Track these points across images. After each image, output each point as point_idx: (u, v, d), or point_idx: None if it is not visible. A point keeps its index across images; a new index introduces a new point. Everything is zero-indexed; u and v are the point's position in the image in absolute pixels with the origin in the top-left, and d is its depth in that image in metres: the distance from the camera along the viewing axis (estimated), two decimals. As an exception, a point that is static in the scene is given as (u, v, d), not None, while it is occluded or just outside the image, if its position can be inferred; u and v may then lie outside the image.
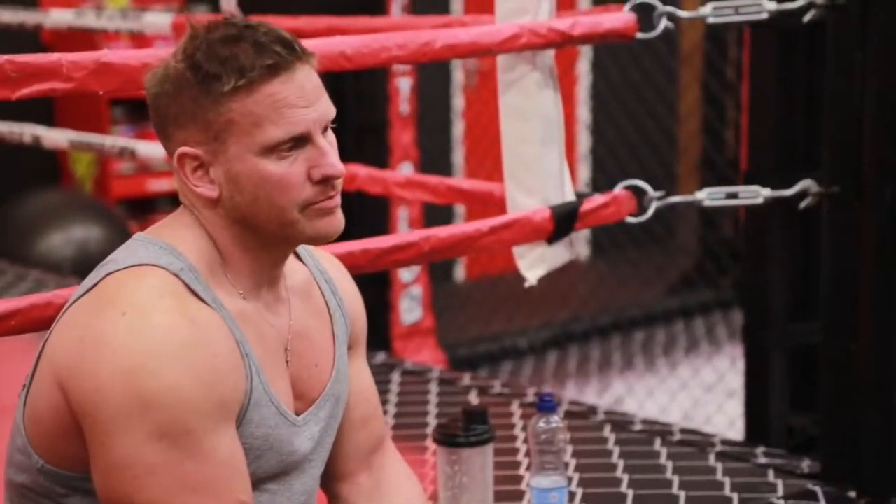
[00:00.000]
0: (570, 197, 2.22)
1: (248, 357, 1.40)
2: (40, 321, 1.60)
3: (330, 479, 1.61)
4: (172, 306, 1.35)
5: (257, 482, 1.43)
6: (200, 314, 1.36)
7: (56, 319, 1.42)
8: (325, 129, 1.41)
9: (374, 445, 1.62)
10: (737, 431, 3.47)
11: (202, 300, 1.39)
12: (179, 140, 1.39)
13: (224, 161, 1.38)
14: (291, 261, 1.52)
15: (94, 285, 1.39)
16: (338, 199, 1.43)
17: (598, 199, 2.24)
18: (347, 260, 1.92)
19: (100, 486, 1.35)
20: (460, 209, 5.46)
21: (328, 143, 1.41)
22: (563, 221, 2.18)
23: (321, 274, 1.57)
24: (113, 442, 1.31)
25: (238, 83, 1.35)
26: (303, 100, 1.38)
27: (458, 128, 5.81)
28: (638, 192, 2.28)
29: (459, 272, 5.91)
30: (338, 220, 1.43)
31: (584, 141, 6.12)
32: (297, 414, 1.48)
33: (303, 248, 1.56)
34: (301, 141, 1.39)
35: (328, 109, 1.41)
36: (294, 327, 1.49)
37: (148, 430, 1.30)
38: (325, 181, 1.41)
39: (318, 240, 1.45)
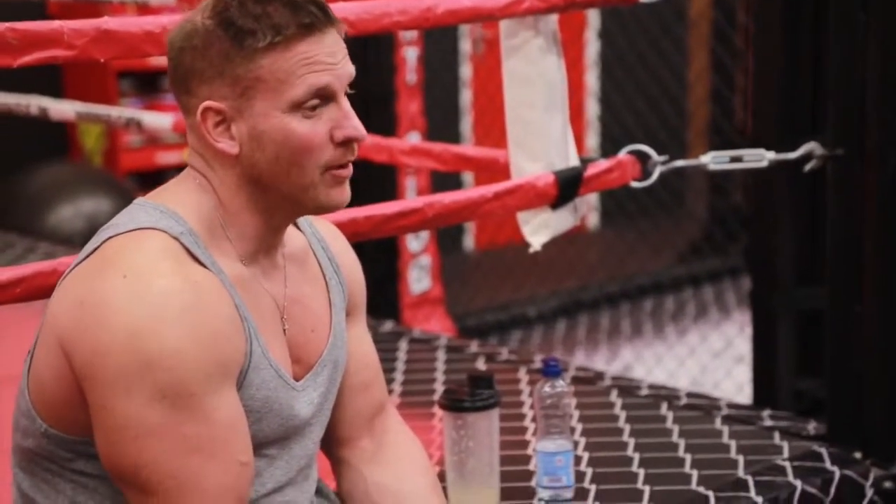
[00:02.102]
0: (574, 162, 2.22)
1: (246, 320, 1.42)
2: (45, 289, 1.61)
3: (332, 444, 1.62)
4: (172, 269, 1.36)
5: (257, 447, 1.44)
6: (200, 277, 1.37)
7: (57, 284, 1.43)
8: (345, 88, 1.43)
9: (376, 410, 1.64)
10: (745, 396, 3.47)
11: (201, 264, 1.40)
12: (203, 95, 1.40)
13: (249, 117, 1.40)
14: (289, 228, 1.53)
15: (95, 250, 1.40)
16: (351, 169, 1.45)
17: (602, 164, 2.24)
18: (351, 226, 1.93)
19: (102, 449, 1.36)
20: (468, 178, 5.46)
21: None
22: (567, 187, 2.18)
23: (318, 241, 1.59)
24: (114, 404, 1.33)
25: (274, 39, 1.37)
26: (332, 58, 1.40)
27: (466, 96, 5.81)
28: (642, 157, 2.28)
29: (468, 241, 5.92)
30: (347, 192, 1.46)
31: (592, 108, 6.11)
32: (296, 379, 1.49)
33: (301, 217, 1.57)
34: (326, 99, 1.41)
35: (351, 69, 1.44)
36: (289, 294, 1.50)
37: (148, 391, 1.32)
38: (347, 143, 1.42)
39: (327, 208, 1.46)
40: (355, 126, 1.42)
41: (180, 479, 1.33)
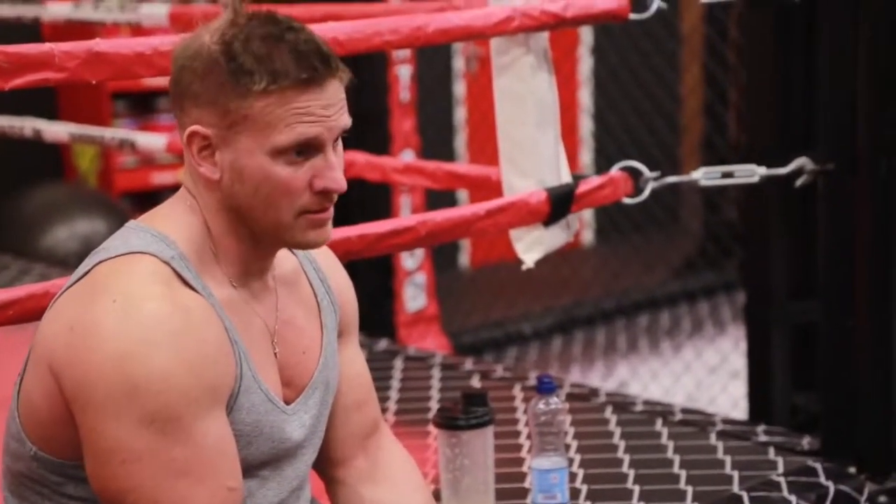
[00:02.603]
0: (566, 179, 2.23)
1: (236, 344, 1.42)
2: (38, 311, 1.61)
3: (327, 464, 1.62)
4: (162, 293, 1.36)
5: (249, 468, 1.44)
6: (190, 301, 1.38)
7: (48, 307, 1.43)
8: (336, 139, 1.43)
9: (370, 429, 1.63)
10: (741, 412, 3.47)
11: (191, 288, 1.40)
12: (194, 117, 1.40)
13: (233, 150, 1.39)
14: (280, 250, 1.53)
15: (86, 273, 1.40)
16: (331, 213, 1.44)
17: (594, 180, 2.25)
18: (344, 245, 1.94)
19: (91, 472, 1.36)
20: (464, 196, 5.46)
21: (336, 156, 1.43)
22: (560, 203, 2.18)
23: (310, 263, 1.59)
24: (102, 427, 1.33)
25: (269, 87, 1.36)
26: (325, 111, 1.39)
27: (460, 114, 5.82)
28: (634, 174, 2.29)
29: (464, 259, 5.92)
30: (327, 233, 1.45)
31: (585, 125, 6.13)
32: (287, 402, 1.49)
33: None
34: (312, 150, 1.40)
35: (345, 121, 1.42)
36: (281, 317, 1.50)
37: (137, 416, 1.32)
38: (325, 193, 1.42)
39: (304, 247, 1.47)
40: (336, 178, 1.41)
41: None
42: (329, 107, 1.40)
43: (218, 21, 1.41)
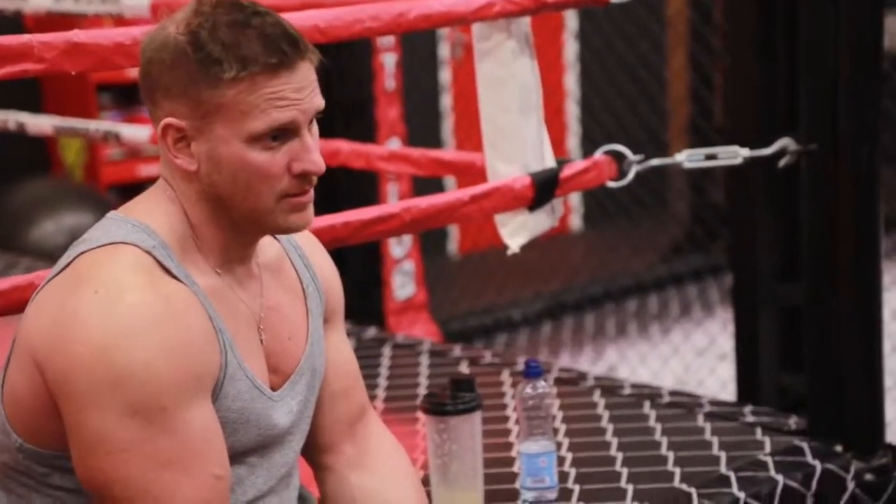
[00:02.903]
0: (550, 164, 2.23)
1: (221, 332, 1.42)
2: (22, 303, 1.60)
3: (314, 451, 1.62)
4: (144, 283, 1.36)
5: (236, 456, 1.44)
6: (172, 290, 1.38)
7: (31, 299, 1.43)
8: (311, 121, 1.42)
9: (357, 416, 1.64)
10: (729, 394, 3.49)
11: (174, 277, 1.40)
12: (167, 109, 1.40)
13: (208, 140, 1.39)
14: (264, 237, 1.53)
15: (67, 265, 1.40)
16: (311, 195, 1.44)
17: (578, 164, 2.25)
18: (330, 232, 1.94)
19: (76, 463, 1.37)
20: (451, 182, 5.47)
21: (312, 137, 1.42)
22: (544, 188, 2.18)
23: (294, 249, 1.59)
24: (87, 419, 1.33)
25: (240, 74, 1.36)
26: (297, 94, 1.39)
27: (446, 101, 5.82)
28: (618, 157, 2.29)
29: (452, 246, 5.92)
30: (309, 216, 1.45)
31: (571, 110, 6.13)
32: (274, 388, 1.49)
33: None
34: (288, 133, 1.40)
35: (318, 103, 1.42)
36: (266, 303, 1.50)
37: (121, 406, 1.32)
38: (304, 176, 1.42)
39: (287, 231, 1.47)
40: (314, 160, 1.41)
41: (154, 494, 1.34)
42: (301, 89, 1.39)
43: (182, 10, 1.40)
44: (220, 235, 1.45)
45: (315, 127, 1.44)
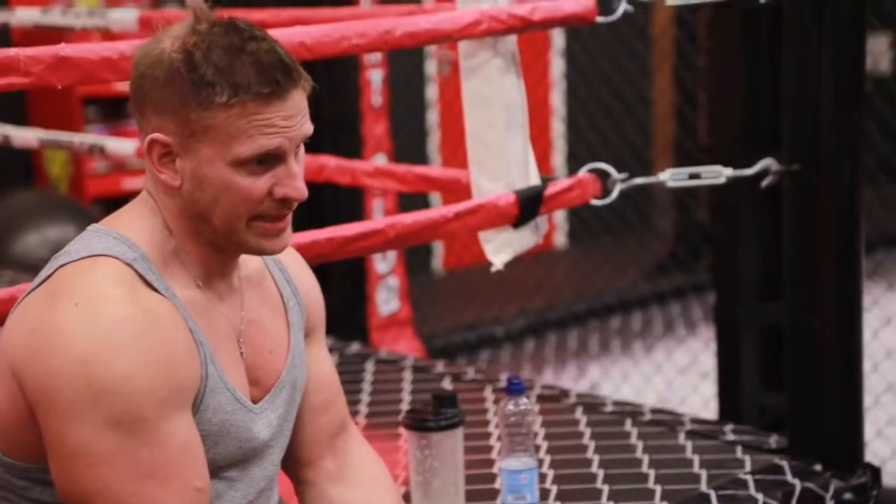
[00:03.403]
0: (534, 181, 2.24)
1: (201, 345, 1.42)
2: (4, 315, 1.60)
3: (295, 465, 1.62)
4: (125, 296, 1.36)
5: (216, 469, 1.44)
6: (153, 303, 1.38)
7: (11, 311, 1.43)
8: (298, 147, 1.43)
9: (337, 430, 1.64)
10: (711, 412, 3.49)
11: (155, 289, 1.40)
12: (154, 124, 1.40)
13: (193, 158, 1.39)
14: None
15: (48, 277, 1.40)
16: (287, 221, 1.45)
17: (562, 182, 2.27)
18: (313, 248, 1.94)
19: (56, 476, 1.37)
20: (437, 199, 5.48)
21: (297, 163, 1.43)
22: (528, 205, 2.20)
23: (275, 263, 1.59)
24: (66, 431, 1.33)
25: (231, 100, 1.36)
26: (286, 122, 1.39)
27: (432, 118, 5.83)
28: (602, 175, 2.30)
29: (436, 262, 5.93)
30: (284, 241, 1.45)
31: (557, 128, 6.15)
32: (254, 401, 1.50)
33: None
34: (273, 159, 1.40)
35: (307, 130, 1.42)
36: (246, 316, 1.50)
37: (101, 419, 1.32)
38: (284, 201, 1.42)
39: (260, 253, 1.47)
40: (297, 187, 1.42)
41: None
42: (291, 118, 1.40)
43: (179, 26, 1.40)
44: (200, 250, 1.45)
45: (301, 152, 1.44)
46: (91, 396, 1.32)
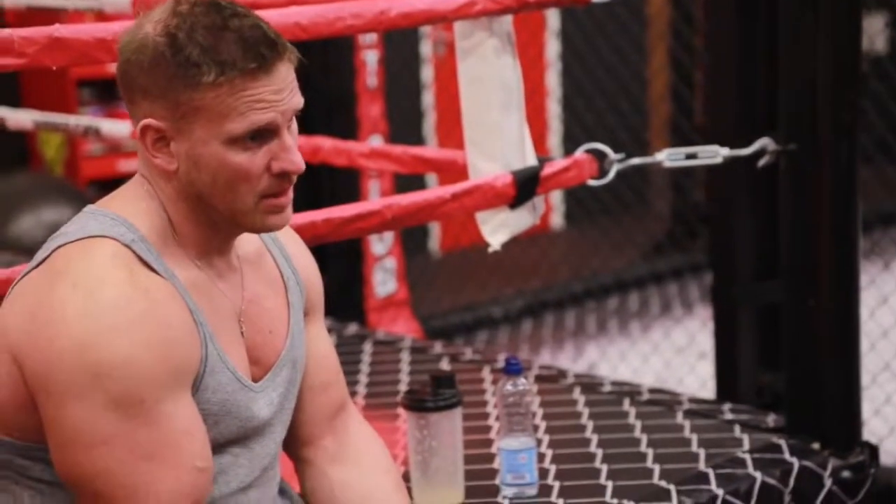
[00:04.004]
0: (531, 161, 2.24)
1: (201, 325, 1.42)
2: (0, 298, 1.60)
3: (294, 444, 1.63)
4: (124, 277, 1.36)
5: (219, 446, 1.44)
6: (152, 284, 1.38)
7: (7, 293, 1.43)
8: (290, 120, 1.43)
9: (336, 409, 1.64)
10: (709, 392, 3.50)
11: (153, 270, 1.40)
12: (145, 110, 1.40)
13: (187, 140, 1.39)
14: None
15: (44, 259, 1.40)
16: (290, 196, 1.45)
17: (559, 163, 2.26)
18: (310, 229, 1.94)
19: (56, 458, 1.37)
20: (433, 180, 5.47)
21: (291, 136, 1.43)
22: (525, 186, 2.19)
23: (273, 242, 1.59)
24: (66, 413, 1.33)
25: (218, 79, 1.36)
26: (276, 96, 1.39)
27: (428, 99, 5.82)
28: (599, 156, 2.30)
29: (433, 243, 5.93)
30: (287, 216, 1.46)
31: (552, 108, 6.14)
32: (255, 380, 1.50)
33: None
34: (267, 134, 1.40)
35: (297, 102, 1.42)
36: (247, 296, 1.50)
37: (101, 400, 1.32)
38: (283, 175, 1.42)
39: (264, 231, 1.47)
40: (293, 160, 1.42)
41: (134, 487, 1.34)
42: (280, 91, 1.40)
43: (160, 9, 1.40)
44: (199, 230, 1.45)
45: (294, 125, 1.44)
46: (91, 379, 1.32)
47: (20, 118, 2.96)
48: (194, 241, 1.46)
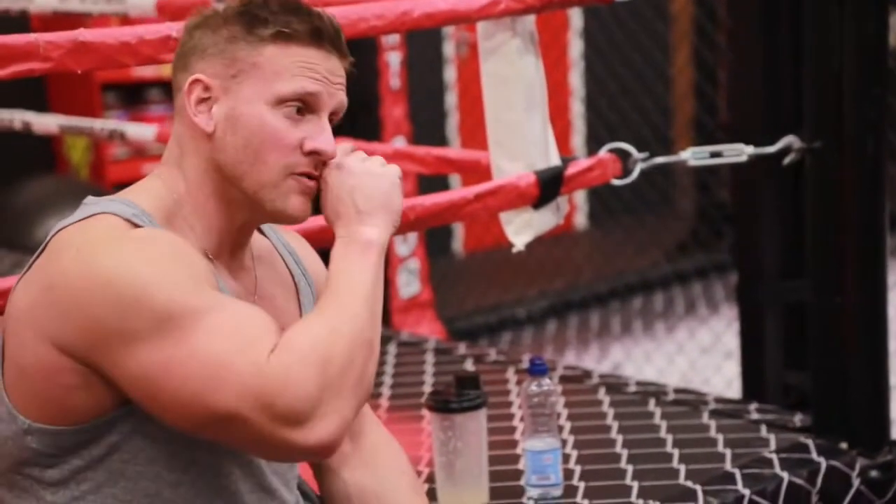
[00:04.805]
0: (554, 161, 2.23)
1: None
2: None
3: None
4: (125, 233, 1.37)
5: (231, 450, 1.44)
6: (159, 231, 1.40)
7: (17, 281, 1.43)
8: (332, 112, 1.46)
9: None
10: (734, 391, 3.49)
11: None
12: (197, 70, 1.44)
13: (232, 99, 1.42)
14: (254, 234, 1.54)
15: (46, 245, 1.41)
16: (314, 185, 1.45)
17: (582, 162, 2.26)
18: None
19: (149, 407, 1.35)
20: (456, 181, 5.47)
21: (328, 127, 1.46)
22: (549, 186, 2.19)
23: (284, 246, 1.60)
24: (126, 360, 1.32)
25: (280, 33, 1.42)
26: (329, 79, 1.44)
27: (451, 99, 5.82)
28: (623, 155, 2.29)
29: (457, 244, 5.93)
30: (306, 206, 1.46)
31: (576, 108, 6.13)
32: None
33: (265, 224, 1.58)
34: (310, 108, 1.43)
35: (343, 99, 1.47)
36: (259, 295, 1.50)
37: (147, 328, 1.31)
38: (314, 154, 1.43)
39: (283, 215, 1.46)
40: (327, 140, 1.44)
41: (215, 372, 1.31)
42: (332, 74, 1.45)
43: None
44: (218, 213, 1.45)
45: (330, 125, 1.47)
46: (130, 313, 1.31)
47: (46, 122, 2.98)
48: (209, 227, 1.45)
